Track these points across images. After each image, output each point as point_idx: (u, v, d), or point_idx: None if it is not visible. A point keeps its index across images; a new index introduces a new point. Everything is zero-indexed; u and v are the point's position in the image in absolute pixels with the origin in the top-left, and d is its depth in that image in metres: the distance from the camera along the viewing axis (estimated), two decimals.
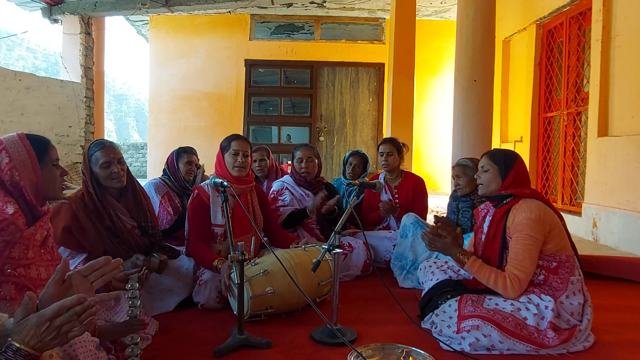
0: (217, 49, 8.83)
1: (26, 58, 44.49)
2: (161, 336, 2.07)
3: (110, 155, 2.25)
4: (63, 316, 1.01)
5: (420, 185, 3.51)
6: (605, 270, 3.13)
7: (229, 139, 2.60)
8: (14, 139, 1.57)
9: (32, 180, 1.57)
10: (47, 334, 1.00)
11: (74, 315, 1.02)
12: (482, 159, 2.19)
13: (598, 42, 4.36)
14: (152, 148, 8.95)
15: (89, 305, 1.03)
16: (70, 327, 1.01)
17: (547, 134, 5.86)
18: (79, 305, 1.02)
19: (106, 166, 2.24)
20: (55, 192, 1.65)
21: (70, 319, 1.01)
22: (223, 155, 2.59)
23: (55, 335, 1.00)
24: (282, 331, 2.13)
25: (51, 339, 1.00)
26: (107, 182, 2.25)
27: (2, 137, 1.58)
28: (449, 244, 2.09)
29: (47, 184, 1.61)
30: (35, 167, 1.57)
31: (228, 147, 2.57)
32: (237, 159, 2.53)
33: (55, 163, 1.65)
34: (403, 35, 6.36)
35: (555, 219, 2.01)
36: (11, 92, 5.60)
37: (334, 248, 2.03)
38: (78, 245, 2.16)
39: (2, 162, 1.52)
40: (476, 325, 1.87)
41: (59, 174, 1.66)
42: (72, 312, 1.01)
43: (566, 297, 1.96)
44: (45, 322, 1.00)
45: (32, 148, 1.56)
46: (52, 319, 1.01)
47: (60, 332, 1.01)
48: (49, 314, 1.01)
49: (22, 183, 1.54)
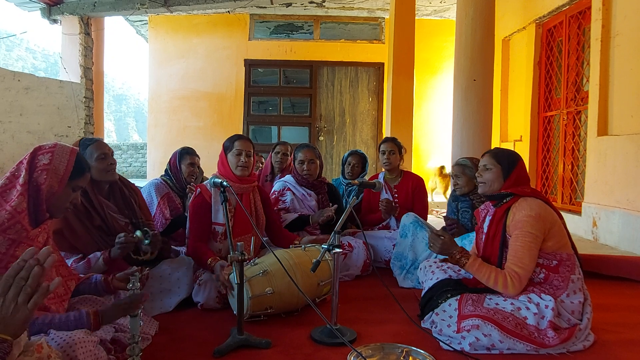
0: (217, 48, 8.82)
1: (25, 58, 44.48)
2: (161, 336, 2.07)
3: (105, 148, 2.31)
4: (12, 287, 0.99)
5: (420, 184, 3.51)
6: (605, 269, 3.13)
7: (232, 139, 2.60)
8: (66, 150, 1.65)
9: (53, 189, 1.60)
10: (6, 310, 0.98)
11: (21, 281, 0.99)
12: (485, 157, 2.19)
13: (598, 41, 4.36)
14: (152, 148, 8.94)
15: (29, 266, 1.00)
16: (25, 295, 0.99)
17: (546, 133, 5.86)
18: (22, 270, 1.00)
19: (103, 157, 2.28)
20: (57, 210, 1.67)
21: (19, 285, 0.99)
22: (226, 155, 2.59)
23: (14, 308, 0.98)
24: (282, 331, 2.13)
25: (12, 314, 0.98)
26: (102, 175, 2.28)
27: (59, 143, 1.67)
28: (447, 244, 2.08)
29: (58, 200, 1.64)
30: (63, 180, 1.62)
31: (231, 147, 2.57)
32: (240, 158, 2.54)
33: (77, 189, 1.69)
34: (402, 34, 6.35)
35: (555, 217, 2.01)
36: (10, 92, 5.59)
37: (334, 248, 2.03)
38: (71, 246, 2.17)
39: (42, 161, 1.59)
40: (476, 325, 1.86)
41: (71, 199, 1.69)
42: (18, 279, 0.99)
43: (567, 296, 1.96)
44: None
45: (72, 165, 1.63)
46: (3, 293, 0.99)
47: (19, 304, 0.98)
48: None
49: (43, 186, 1.57)
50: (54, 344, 1.34)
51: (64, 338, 1.37)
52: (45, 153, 1.60)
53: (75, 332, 1.44)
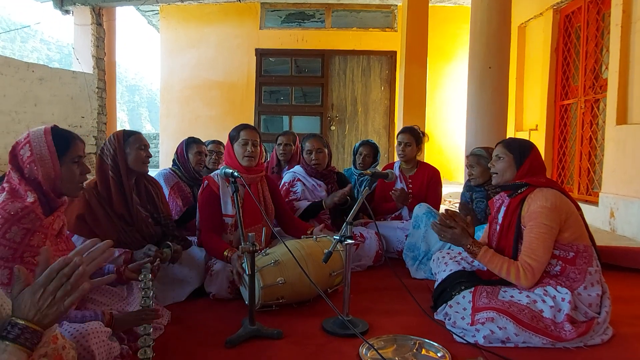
0: (228, 38, 8.77)
1: (40, 50, 44.99)
2: (173, 326, 2.08)
3: (144, 140, 2.37)
4: (54, 280, 1.01)
5: (435, 176, 3.45)
6: (624, 261, 3.06)
7: (237, 129, 2.58)
8: (39, 133, 1.59)
9: (50, 176, 1.58)
10: (43, 302, 1.00)
11: (63, 277, 1.01)
12: (497, 147, 2.14)
13: (618, 27, 4.23)
14: (164, 138, 8.98)
15: (75, 265, 1.02)
16: (63, 291, 1.01)
17: (563, 122, 5.74)
18: (66, 267, 1.02)
19: (143, 148, 2.32)
20: (72, 189, 1.66)
21: (60, 281, 1.01)
22: (232, 145, 2.57)
23: (51, 301, 1.00)
24: (294, 322, 2.12)
25: (48, 306, 1.00)
26: (137, 165, 2.31)
27: (31, 130, 1.62)
28: (458, 235, 2.05)
29: (65, 181, 1.62)
30: (55, 163, 1.59)
31: (237, 137, 2.55)
32: (247, 148, 2.51)
33: (77, 160, 1.65)
34: (415, 22, 6.25)
35: (571, 207, 1.96)
36: (24, 83, 5.64)
37: (346, 239, 2.01)
38: (91, 233, 2.18)
39: (25, 155, 1.56)
40: (491, 318, 1.84)
41: (78, 172, 1.66)
42: (61, 274, 1.01)
43: (584, 289, 1.92)
44: (39, 290, 1.00)
45: (53, 144, 1.58)
46: (45, 285, 1.01)
47: (56, 298, 1.00)
48: (41, 280, 1.01)
49: (39, 177, 1.56)
50: (67, 334, 1.35)
51: (77, 328, 1.38)
52: (23, 146, 1.57)
53: (88, 323, 1.45)
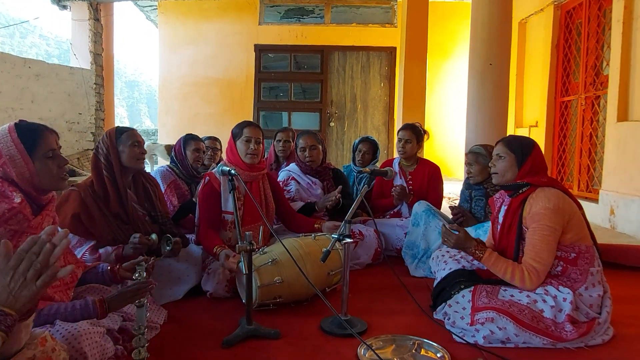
0: (227, 34, 8.72)
1: (39, 45, 44.84)
2: (169, 325, 2.06)
3: (138, 136, 2.33)
4: (24, 261, 0.98)
5: (435, 172, 3.42)
6: (625, 259, 3.04)
7: (240, 126, 2.55)
8: (3, 132, 1.53)
9: (25, 175, 1.53)
10: (14, 284, 0.96)
11: (32, 256, 0.98)
12: (498, 146, 2.11)
13: (619, 23, 4.19)
14: (163, 134, 8.95)
15: (42, 242, 0.99)
16: (34, 271, 0.97)
17: (563, 119, 5.70)
18: (35, 245, 0.99)
19: (136, 145, 2.29)
20: (52, 183, 1.60)
21: (30, 260, 0.98)
22: (235, 142, 2.54)
23: (22, 283, 0.96)
24: (291, 321, 2.10)
25: (19, 288, 0.96)
26: (132, 162, 2.28)
27: None
28: (462, 239, 2.03)
29: (42, 177, 1.56)
30: (27, 161, 1.53)
31: (240, 134, 2.52)
32: (250, 146, 2.49)
33: (50, 155, 1.58)
34: (415, 17, 6.20)
35: (574, 207, 1.93)
36: (21, 79, 5.60)
37: (344, 238, 1.98)
38: (86, 232, 2.17)
39: None
40: (491, 318, 1.81)
41: (55, 165, 1.59)
42: (30, 253, 0.98)
43: (585, 289, 1.89)
44: (9, 272, 0.97)
45: (20, 142, 1.52)
46: (14, 267, 0.98)
47: (27, 279, 0.97)
48: (11, 263, 0.98)
49: (16, 178, 1.51)
50: (58, 336, 1.32)
51: (68, 329, 1.35)
52: None
53: (80, 323, 1.42)
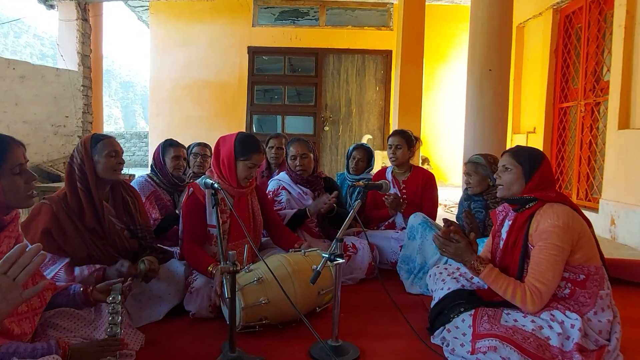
0: (219, 35, 8.57)
1: (33, 45, 44.43)
2: (147, 350, 1.90)
3: (116, 145, 2.18)
4: None
5: (430, 180, 3.29)
6: (630, 275, 2.91)
7: (249, 149, 2.34)
8: None
9: None
10: None
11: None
12: (504, 156, 1.97)
13: (621, 28, 4.09)
14: (154, 138, 8.77)
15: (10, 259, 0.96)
16: None
17: (562, 125, 5.61)
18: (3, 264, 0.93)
19: (113, 155, 2.14)
20: (18, 201, 1.49)
21: None
22: (236, 160, 2.36)
23: None
24: (278, 346, 1.95)
25: None
26: (107, 173, 2.13)
27: None
28: (462, 250, 1.88)
29: (8, 194, 1.46)
30: None
31: (247, 158, 2.33)
32: (252, 172, 2.37)
33: (17, 170, 1.48)
34: (412, 20, 6.10)
35: (584, 226, 1.80)
36: (4, 81, 5.41)
37: (335, 257, 1.83)
38: (59, 249, 2.02)
39: None
40: (493, 346, 1.67)
41: (22, 182, 1.49)
42: None
43: (594, 314, 1.76)
44: None
45: None
46: None
47: None
48: None
49: None
50: None
51: None
52: None
53: None
